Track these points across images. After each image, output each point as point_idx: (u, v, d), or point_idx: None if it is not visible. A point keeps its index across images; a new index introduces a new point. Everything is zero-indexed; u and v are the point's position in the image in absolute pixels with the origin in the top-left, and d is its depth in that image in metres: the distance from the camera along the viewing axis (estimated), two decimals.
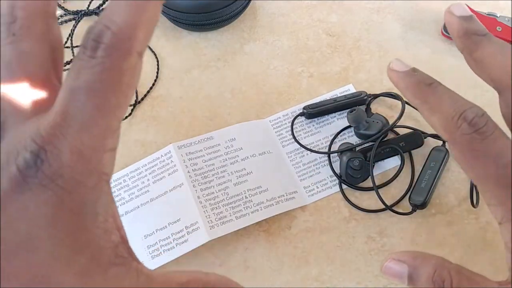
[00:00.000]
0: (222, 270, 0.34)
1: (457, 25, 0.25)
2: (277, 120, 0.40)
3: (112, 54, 0.17)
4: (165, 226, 0.35)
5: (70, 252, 0.18)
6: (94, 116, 0.17)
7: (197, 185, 0.36)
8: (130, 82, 0.18)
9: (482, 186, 0.23)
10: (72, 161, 0.17)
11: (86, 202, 0.18)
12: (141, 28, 0.18)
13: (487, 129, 0.22)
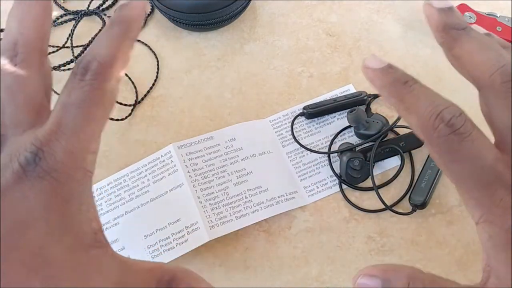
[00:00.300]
0: (222, 270, 0.34)
1: (436, 19, 0.25)
2: (277, 120, 0.40)
3: (97, 78, 0.23)
4: (165, 226, 0.35)
5: (60, 231, 0.22)
6: (82, 125, 0.23)
7: (197, 185, 0.36)
8: (110, 99, 0.24)
9: (461, 187, 0.23)
10: (64, 159, 0.22)
11: (74, 192, 0.22)
12: (119, 59, 0.24)
13: (465, 130, 0.22)
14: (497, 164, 0.22)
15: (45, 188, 0.21)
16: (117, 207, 0.36)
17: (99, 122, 0.23)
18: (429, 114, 0.22)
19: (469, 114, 0.39)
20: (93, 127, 0.23)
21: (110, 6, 0.47)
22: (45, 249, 0.21)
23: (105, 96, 0.23)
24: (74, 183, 0.22)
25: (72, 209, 0.22)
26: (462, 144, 0.22)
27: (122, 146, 0.40)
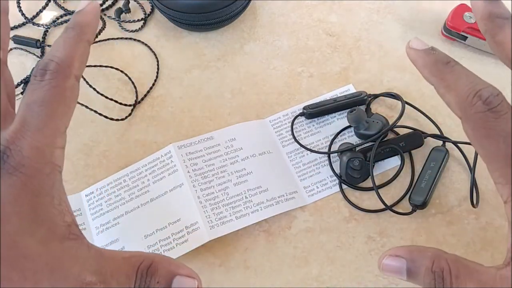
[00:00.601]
0: (222, 270, 0.34)
1: (482, 8, 0.26)
2: (277, 120, 0.40)
3: (56, 77, 0.25)
4: (165, 226, 0.35)
5: (32, 224, 0.22)
6: (45, 121, 0.24)
7: (197, 185, 0.36)
8: (71, 96, 0.25)
9: (492, 164, 0.24)
10: (31, 154, 0.23)
11: (43, 186, 0.23)
12: (76, 59, 0.26)
13: (501, 109, 0.23)
14: None
15: (14, 183, 0.22)
16: (117, 207, 0.36)
17: (62, 118, 0.25)
18: (468, 91, 0.24)
19: None
20: (56, 122, 0.24)
21: (110, 6, 0.47)
22: (19, 242, 0.22)
23: (65, 93, 0.25)
24: (43, 177, 0.23)
25: (43, 202, 0.23)
26: (497, 121, 0.23)
27: (122, 146, 0.40)
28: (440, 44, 0.44)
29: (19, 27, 0.46)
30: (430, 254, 0.25)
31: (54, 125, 0.24)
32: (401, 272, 0.25)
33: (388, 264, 0.25)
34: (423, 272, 0.24)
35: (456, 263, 0.24)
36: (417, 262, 0.25)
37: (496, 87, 0.24)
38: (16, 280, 0.22)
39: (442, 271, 0.24)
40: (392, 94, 0.40)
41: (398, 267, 0.25)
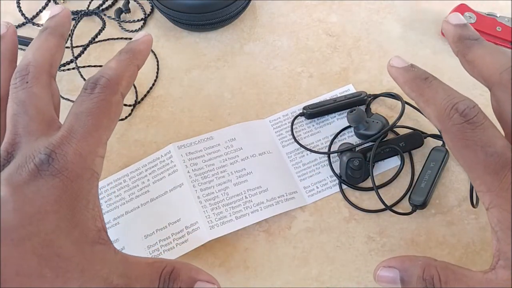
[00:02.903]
0: (222, 270, 0.34)
1: (453, 32, 0.28)
2: (277, 120, 0.40)
3: (105, 91, 0.27)
4: (165, 226, 0.35)
5: (69, 225, 0.24)
6: (91, 130, 0.26)
7: (197, 185, 0.36)
8: (116, 111, 0.28)
9: (472, 173, 0.25)
10: (75, 159, 0.25)
11: (82, 190, 0.25)
12: (124, 79, 0.28)
13: (477, 120, 0.24)
14: (506, 151, 0.24)
15: (57, 185, 0.24)
16: (117, 207, 0.36)
17: (106, 129, 0.27)
18: (446, 105, 0.25)
19: None
20: (100, 133, 0.26)
21: (110, 6, 0.47)
22: (55, 241, 0.23)
23: (111, 108, 0.27)
24: (82, 182, 0.25)
25: (80, 206, 0.25)
26: (474, 131, 0.24)
27: (122, 146, 0.40)
28: (440, 44, 0.44)
29: (19, 27, 0.46)
30: (421, 262, 0.26)
31: (98, 135, 0.26)
32: (395, 282, 0.26)
33: (383, 275, 0.27)
34: (415, 280, 0.25)
35: (445, 270, 0.25)
36: (409, 271, 0.26)
37: (471, 100, 0.25)
38: (48, 276, 0.23)
39: (432, 278, 0.25)
40: (392, 94, 0.40)
41: (392, 278, 0.26)
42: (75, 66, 0.42)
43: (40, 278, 0.23)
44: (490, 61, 0.26)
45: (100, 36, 0.45)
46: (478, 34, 0.27)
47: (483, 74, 0.26)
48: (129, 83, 0.29)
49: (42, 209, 0.24)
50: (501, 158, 0.24)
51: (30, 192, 0.24)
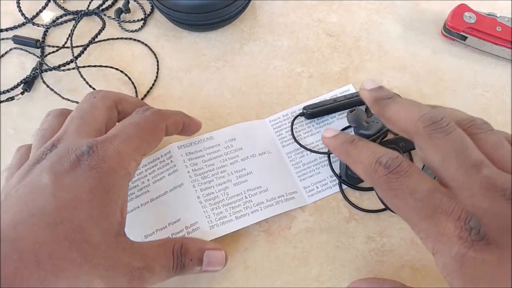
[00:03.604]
0: (222, 270, 0.34)
1: (369, 96, 0.30)
2: (277, 120, 0.40)
3: (155, 115, 0.32)
4: (165, 226, 0.35)
5: (99, 215, 0.26)
6: (133, 137, 0.29)
7: (197, 185, 0.36)
8: (158, 135, 0.32)
9: (409, 221, 0.25)
10: (113, 156, 0.28)
11: (115, 185, 0.27)
12: (173, 119, 0.34)
13: (401, 169, 0.25)
14: (433, 194, 0.24)
15: (93, 175, 0.26)
16: None
17: (146, 142, 0.30)
18: (370, 160, 0.26)
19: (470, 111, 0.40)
20: (141, 143, 0.30)
21: (110, 6, 0.47)
22: (86, 229, 0.25)
23: (156, 129, 0.31)
24: (117, 177, 0.27)
25: (111, 198, 0.27)
26: (400, 180, 0.25)
27: None
28: (440, 44, 0.44)
29: (19, 27, 0.46)
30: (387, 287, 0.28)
31: (139, 144, 0.29)
32: None
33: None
34: None
35: None
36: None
37: (395, 152, 0.26)
38: (77, 261, 0.25)
39: None
40: None
41: None
42: (75, 66, 0.42)
43: (70, 262, 0.24)
44: (405, 115, 0.27)
45: (100, 36, 0.45)
46: (392, 93, 0.29)
47: (402, 128, 0.27)
48: (174, 126, 0.34)
49: (77, 197, 0.26)
50: (430, 201, 0.24)
51: (69, 180, 0.26)
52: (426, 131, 0.26)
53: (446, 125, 0.25)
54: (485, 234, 0.23)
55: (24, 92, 0.42)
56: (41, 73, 0.43)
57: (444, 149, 0.25)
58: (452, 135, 0.25)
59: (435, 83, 0.42)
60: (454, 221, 0.23)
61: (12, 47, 0.45)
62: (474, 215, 0.23)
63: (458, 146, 0.25)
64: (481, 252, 0.22)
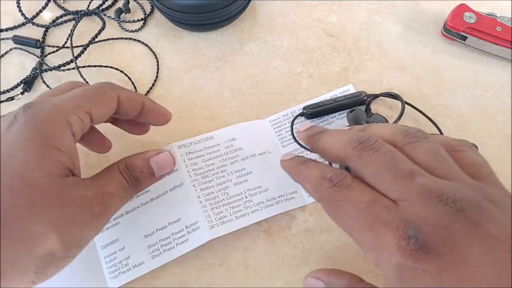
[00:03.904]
0: (222, 270, 0.34)
1: (303, 135, 0.32)
2: (277, 120, 0.40)
3: (105, 83, 0.32)
4: (165, 226, 0.35)
5: (39, 160, 0.26)
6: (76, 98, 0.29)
7: (197, 185, 0.36)
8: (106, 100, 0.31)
9: (352, 234, 0.26)
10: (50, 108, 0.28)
11: (54, 132, 0.27)
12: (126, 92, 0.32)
13: (344, 182, 0.26)
14: (373, 205, 0.24)
15: (28, 127, 0.27)
16: None
17: (92, 103, 0.30)
18: (318, 177, 0.27)
19: (470, 111, 0.40)
20: (85, 101, 0.29)
21: (110, 6, 0.47)
22: (26, 174, 0.25)
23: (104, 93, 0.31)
24: (54, 126, 0.27)
25: (52, 144, 0.27)
26: (343, 192, 0.26)
27: (122, 146, 0.40)
28: (440, 44, 0.44)
29: (19, 27, 0.46)
30: (345, 281, 0.28)
31: (82, 102, 0.29)
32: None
33: (310, 282, 0.30)
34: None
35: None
36: (332, 285, 0.28)
37: (342, 170, 0.27)
38: (26, 206, 0.25)
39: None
40: (392, 94, 0.40)
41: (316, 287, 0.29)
42: (75, 66, 0.42)
43: (18, 210, 0.25)
44: (335, 142, 0.28)
45: (100, 36, 0.45)
46: (323, 128, 0.31)
47: (335, 155, 0.28)
48: (128, 101, 0.32)
49: (12, 147, 0.26)
50: (370, 212, 0.24)
51: (6, 137, 0.27)
52: (355, 152, 0.26)
53: (374, 143, 0.26)
54: (424, 243, 0.22)
55: (24, 92, 0.42)
56: (41, 73, 0.43)
57: (375, 165, 0.25)
58: (380, 151, 0.26)
59: (435, 83, 0.42)
60: (392, 231, 0.23)
61: (12, 47, 0.45)
62: (413, 224, 0.23)
63: (388, 159, 0.25)
64: (421, 262, 0.22)
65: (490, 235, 0.22)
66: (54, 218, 0.26)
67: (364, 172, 0.26)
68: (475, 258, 0.21)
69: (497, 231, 0.22)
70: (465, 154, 0.27)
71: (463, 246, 0.22)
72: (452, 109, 0.41)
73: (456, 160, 0.26)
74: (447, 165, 0.25)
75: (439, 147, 0.26)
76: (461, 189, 0.23)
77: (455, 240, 0.22)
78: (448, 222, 0.22)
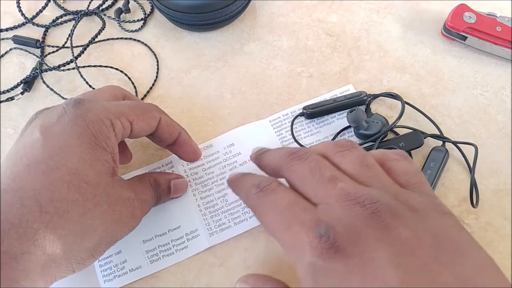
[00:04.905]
0: (222, 270, 0.34)
1: (251, 157, 0.33)
2: (277, 120, 0.40)
3: (152, 104, 0.34)
4: (164, 233, 0.35)
5: (91, 158, 0.28)
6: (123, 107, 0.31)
7: (197, 194, 0.37)
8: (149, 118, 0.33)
9: (275, 236, 0.27)
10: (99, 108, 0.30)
11: (102, 132, 0.29)
12: (168, 118, 0.35)
13: (270, 187, 0.28)
14: (292, 206, 0.26)
15: (79, 123, 0.28)
16: None
17: (135, 115, 0.31)
18: (248, 185, 0.29)
19: (470, 111, 0.40)
20: (130, 112, 0.31)
21: (110, 6, 0.47)
22: (81, 169, 0.27)
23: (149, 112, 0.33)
24: (102, 126, 0.29)
25: (100, 144, 0.29)
26: (267, 196, 0.27)
27: None
28: (440, 44, 0.44)
29: (19, 27, 0.46)
30: (270, 287, 0.29)
31: (127, 112, 0.31)
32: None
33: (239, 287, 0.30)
34: None
35: None
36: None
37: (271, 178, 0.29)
38: (79, 200, 0.27)
39: None
40: (391, 94, 0.40)
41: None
42: (75, 66, 0.42)
43: (72, 202, 0.26)
44: (273, 158, 0.30)
45: (100, 36, 0.45)
46: (266, 148, 0.33)
47: (273, 168, 0.30)
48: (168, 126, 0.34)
49: (67, 142, 0.28)
50: (289, 213, 0.26)
51: (57, 129, 0.28)
52: (286, 162, 0.28)
53: (303, 154, 0.28)
54: (335, 241, 0.23)
55: (24, 92, 0.42)
56: (41, 73, 0.43)
57: (301, 171, 0.27)
58: (308, 160, 0.28)
59: (435, 83, 0.42)
60: (307, 230, 0.24)
61: (12, 47, 0.45)
62: (327, 223, 0.24)
63: (313, 167, 0.27)
64: (331, 261, 0.22)
65: (400, 240, 0.23)
66: (103, 214, 0.28)
67: (292, 179, 0.28)
68: (381, 260, 0.22)
69: (407, 236, 0.23)
70: (398, 164, 0.28)
71: (372, 248, 0.22)
72: (452, 109, 0.41)
73: (389, 169, 0.28)
74: (371, 173, 0.27)
75: (366, 156, 0.28)
76: (379, 194, 0.25)
77: (366, 241, 0.23)
78: (361, 223, 0.23)
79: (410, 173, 0.28)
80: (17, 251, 0.24)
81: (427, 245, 0.22)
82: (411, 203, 0.25)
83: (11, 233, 0.24)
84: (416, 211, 0.24)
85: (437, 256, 0.22)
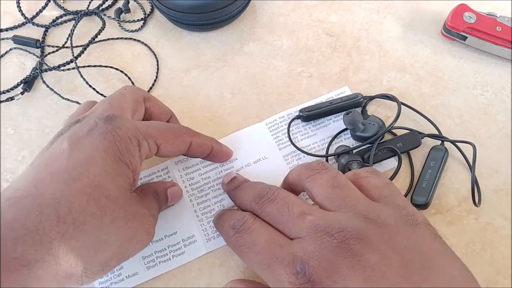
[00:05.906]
0: (222, 270, 0.34)
1: (225, 189, 0.36)
2: (274, 122, 0.40)
3: (183, 127, 0.35)
4: (161, 238, 0.35)
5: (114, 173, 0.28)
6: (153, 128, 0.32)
7: (194, 199, 0.37)
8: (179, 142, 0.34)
9: (258, 273, 0.28)
10: (129, 127, 0.30)
11: (127, 150, 0.29)
12: (199, 139, 0.35)
13: (244, 227, 0.29)
14: (270, 245, 0.27)
15: (108, 138, 0.29)
16: None
17: (164, 139, 0.32)
18: (226, 227, 0.30)
19: (470, 111, 0.40)
20: (160, 135, 0.32)
21: (110, 6, 0.47)
22: (102, 183, 0.27)
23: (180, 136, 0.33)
24: (129, 144, 0.29)
25: (124, 161, 0.29)
26: (243, 237, 0.28)
27: None
28: (440, 44, 0.44)
29: (19, 27, 0.46)
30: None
31: (157, 134, 0.31)
32: None
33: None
34: None
35: None
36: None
37: (246, 213, 0.30)
38: (97, 214, 0.26)
39: None
40: (388, 96, 0.40)
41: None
42: (75, 66, 0.42)
43: (90, 215, 0.26)
44: (244, 199, 0.32)
45: (100, 36, 0.45)
46: (241, 181, 0.34)
47: (245, 209, 0.31)
48: (199, 146, 0.35)
49: (92, 155, 0.28)
50: (267, 252, 0.27)
51: (85, 142, 0.28)
52: (258, 206, 0.30)
53: (271, 195, 0.30)
54: (311, 276, 0.24)
55: (24, 92, 0.42)
56: (41, 73, 0.43)
57: (272, 213, 0.29)
58: (276, 201, 0.29)
59: (435, 83, 0.42)
60: (284, 267, 0.25)
61: (12, 47, 0.45)
62: (301, 259, 0.25)
63: (281, 206, 0.29)
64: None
65: (370, 265, 0.24)
66: (119, 231, 0.28)
67: (266, 219, 0.29)
68: None
69: (376, 260, 0.24)
70: (369, 180, 0.30)
71: (345, 277, 0.24)
72: (452, 109, 0.41)
73: (361, 186, 0.29)
74: (343, 193, 0.28)
75: (337, 177, 0.29)
76: (346, 220, 0.26)
77: (338, 271, 0.24)
78: (332, 254, 0.25)
79: (381, 187, 0.29)
80: (31, 258, 0.24)
81: (396, 267, 0.24)
82: (382, 218, 0.26)
83: (26, 239, 0.24)
84: (387, 227, 0.26)
85: (406, 276, 0.24)
